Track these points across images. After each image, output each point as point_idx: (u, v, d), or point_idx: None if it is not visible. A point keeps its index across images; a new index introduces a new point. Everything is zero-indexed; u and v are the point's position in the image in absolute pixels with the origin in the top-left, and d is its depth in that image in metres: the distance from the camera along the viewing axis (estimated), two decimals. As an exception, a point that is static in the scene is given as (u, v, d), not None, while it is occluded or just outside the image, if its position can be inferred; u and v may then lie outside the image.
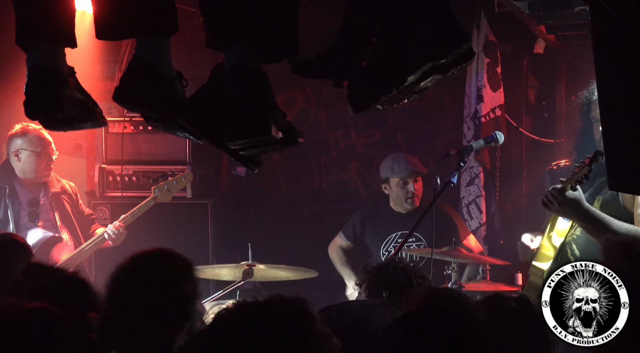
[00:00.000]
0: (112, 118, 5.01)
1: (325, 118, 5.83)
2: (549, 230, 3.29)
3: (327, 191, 5.83)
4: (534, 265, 3.26)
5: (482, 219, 5.22)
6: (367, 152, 5.80)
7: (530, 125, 5.56)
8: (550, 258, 3.22)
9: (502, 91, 5.24)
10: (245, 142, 2.12)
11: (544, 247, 3.27)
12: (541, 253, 3.27)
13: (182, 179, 4.70)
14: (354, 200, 5.71)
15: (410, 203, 4.74)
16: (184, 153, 5.07)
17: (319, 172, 5.87)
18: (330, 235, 5.17)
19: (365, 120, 5.76)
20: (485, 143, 3.64)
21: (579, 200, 3.04)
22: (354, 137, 5.82)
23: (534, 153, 5.51)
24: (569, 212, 3.06)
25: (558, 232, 3.27)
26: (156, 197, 4.61)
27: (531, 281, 3.28)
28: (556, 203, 3.07)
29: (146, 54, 2.23)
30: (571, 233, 3.24)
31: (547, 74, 5.52)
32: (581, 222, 3.09)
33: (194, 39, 4.67)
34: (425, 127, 5.70)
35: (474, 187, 5.25)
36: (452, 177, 3.48)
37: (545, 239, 3.28)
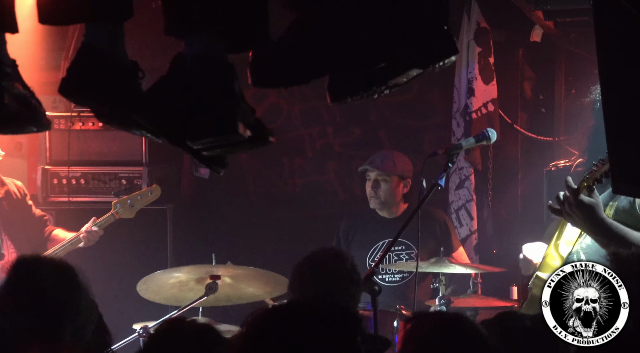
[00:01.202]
0: (57, 113, 4.95)
1: (299, 114, 5.83)
2: (556, 238, 3.28)
3: (302, 195, 5.83)
4: (538, 276, 3.24)
5: (473, 226, 5.26)
6: (346, 152, 5.81)
7: (526, 122, 5.61)
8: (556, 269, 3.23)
9: (495, 84, 5.28)
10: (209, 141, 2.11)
11: (550, 256, 3.26)
12: (546, 263, 3.26)
13: (147, 194, 4.67)
14: (332, 205, 5.72)
15: (373, 203, 4.77)
16: (140, 153, 5.04)
17: (293, 174, 5.87)
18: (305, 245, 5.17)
19: (344, 117, 5.78)
20: (477, 141, 3.65)
21: (594, 208, 2.99)
22: (332, 135, 5.82)
23: (530, 153, 5.56)
24: (580, 219, 3.02)
25: (566, 241, 3.26)
26: (117, 212, 4.58)
27: (534, 294, 3.26)
28: (567, 206, 3.01)
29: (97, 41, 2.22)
30: (579, 241, 3.24)
31: (544, 65, 5.57)
32: (592, 233, 3.06)
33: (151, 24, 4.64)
34: (410, 124, 5.73)
35: (464, 190, 5.28)
36: (440, 179, 3.49)
37: (552, 248, 3.27)
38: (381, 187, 4.75)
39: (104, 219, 4.57)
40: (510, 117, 5.53)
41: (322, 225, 5.38)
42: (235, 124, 2.06)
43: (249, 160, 5.79)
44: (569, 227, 3.25)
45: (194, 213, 5.59)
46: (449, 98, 5.40)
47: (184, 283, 4.30)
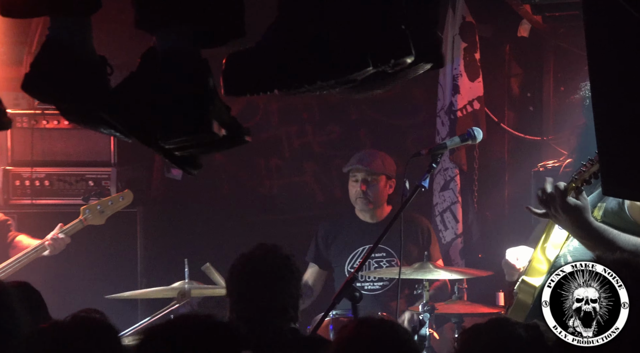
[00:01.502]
0: (19, 111, 4.92)
1: (276, 112, 5.82)
2: (543, 241, 3.30)
3: (279, 198, 5.82)
4: (524, 280, 3.26)
5: (458, 229, 5.28)
6: (325, 152, 5.81)
7: (513, 121, 5.63)
8: (543, 273, 3.24)
9: (480, 81, 5.30)
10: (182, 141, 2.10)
11: (537, 259, 3.28)
12: (533, 267, 3.27)
13: (119, 200, 4.65)
14: (310, 208, 5.71)
15: (359, 204, 4.77)
16: (108, 153, 5.01)
17: (269, 175, 5.86)
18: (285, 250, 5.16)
19: (323, 115, 5.78)
20: (462, 141, 3.67)
21: (581, 210, 3.01)
22: (310, 134, 5.82)
23: (517, 152, 5.59)
24: (566, 221, 3.03)
25: (553, 244, 3.28)
26: (85, 218, 4.55)
27: (519, 299, 3.27)
28: (553, 207, 3.03)
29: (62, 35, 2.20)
30: (567, 244, 3.26)
31: (532, 61, 5.60)
32: (579, 236, 3.08)
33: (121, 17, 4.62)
34: (393, 123, 5.74)
35: (449, 192, 5.30)
36: (423, 180, 3.50)
37: (539, 251, 3.29)
38: (371, 187, 4.76)
39: (71, 226, 4.54)
40: (497, 116, 5.55)
41: (300, 229, 5.37)
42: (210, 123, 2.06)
43: (224, 160, 5.77)
44: (556, 230, 3.27)
45: (166, 217, 5.56)
46: (433, 95, 5.42)
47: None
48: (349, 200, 4.92)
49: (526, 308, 3.23)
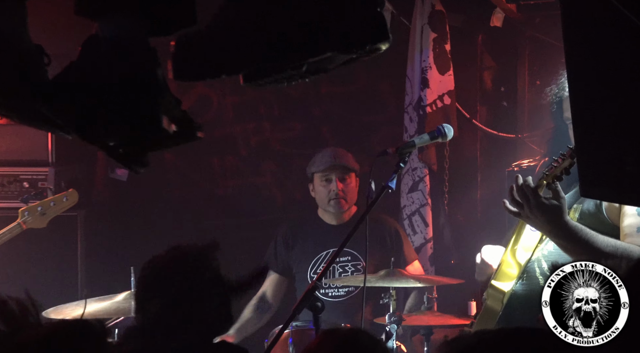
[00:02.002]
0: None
1: (231, 107, 5.81)
2: (513, 242, 3.33)
3: (234, 200, 5.81)
4: (493, 285, 3.29)
5: (428, 234, 5.31)
6: (284, 150, 5.81)
7: (486, 117, 5.69)
8: (513, 278, 3.27)
9: (451, 74, 5.34)
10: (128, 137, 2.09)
11: (506, 263, 3.31)
12: (502, 271, 3.30)
13: (62, 200, 4.59)
14: (269, 211, 5.71)
15: (333, 205, 4.78)
16: (46, 151, 4.96)
17: (224, 175, 5.85)
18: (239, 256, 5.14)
19: (282, 111, 5.78)
20: (431, 138, 3.69)
21: (557, 209, 3.05)
22: (269, 131, 5.82)
23: (491, 151, 5.64)
24: (541, 221, 3.07)
25: (524, 246, 3.31)
26: (25, 221, 4.48)
27: (488, 306, 3.30)
28: (527, 207, 3.07)
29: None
30: (541, 247, 3.29)
31: (506, 53, 5.66)
32: (555, 237, 3.12)
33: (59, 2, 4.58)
34: (357, 119, 5.76)
35: (418, 193, 5.33)
36: (390, 181, 3.51)
37: (508, 254, 3.32)
38: (346, 186, 4.79)
39: (9, 230, 4.47)
40: (469, 112, 5.60)
41: (258, 234, 5.37)
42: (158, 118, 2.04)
43: (174, 159, 5.75)
44: (527, 232, 3.30)
45: (110, 221, 5.52)
46: (401, 90, 5.45)
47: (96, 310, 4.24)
48: (311, 202, 4.93)
49: (495, 315, 3.26)
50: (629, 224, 3.12)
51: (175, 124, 2.11)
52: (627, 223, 3.12)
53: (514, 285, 3.27)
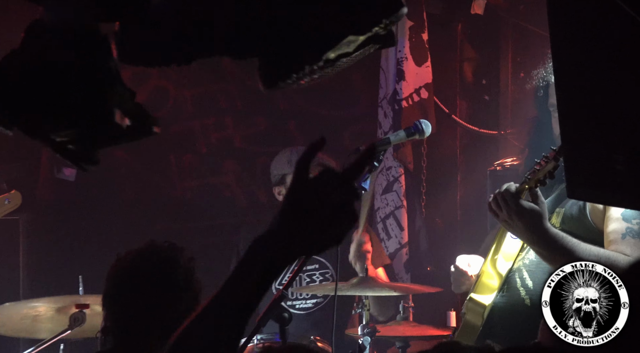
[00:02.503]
0: None
1: (190, 100, 5.79)
2: (493, 252, 3.35)
3: (193, 201, 5.80)
4: (472, 298, 3.31)
5: (403, 238, 5.33)
6: (248, 148, 5.81)
7: (466, 112, 5.72)
8: (494, 290, 3.29)
9: (429, 65, 5.37)
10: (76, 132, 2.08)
11: (486, 274, 3.33)
12: (482, 282, 3.33)
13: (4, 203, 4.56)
14: (231, 214, 5.70)
15: None
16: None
17: (182, 175, 5.83)
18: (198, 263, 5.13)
19: (246, 105, 5.77)
20: (408, 135, 3.70)
21: (537, 215, 3.08)
22: (231, 126, 5.81)
23: (471, 149, 5.67)
24: (520, 228, 3.10)
25: (505, 255, 3.33)
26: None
27: (467, 320, 3.33)
28: (506, 212, 3.10)
29: None
30: (522, 257, 3.31)
31: (488, 43, 5.69)
32: (535, 244, 3.14)
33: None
34: (327, 114, 5.77)
35: (393, 194, 5.35)
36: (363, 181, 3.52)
37: (489, 264, 3.34)
38: None
39: None
40: (448, 106, 5.63)
41: (219, 239, 5.37)
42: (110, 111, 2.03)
43: (127, 157, 5.71)
44: (508, 239, 3.32)
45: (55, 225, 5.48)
46: (374, 82, 5.47)
47: (41, 314, 4.21)
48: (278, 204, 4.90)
49: (476, 330, 3.27)
50: (613, 230, 3.14)
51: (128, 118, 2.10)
52: (611, 228, 3.14)
53: (495, 297, 3.28)
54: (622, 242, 3.10)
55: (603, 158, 2.14)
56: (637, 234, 3.11)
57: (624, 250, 3.08)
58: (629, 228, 3.11)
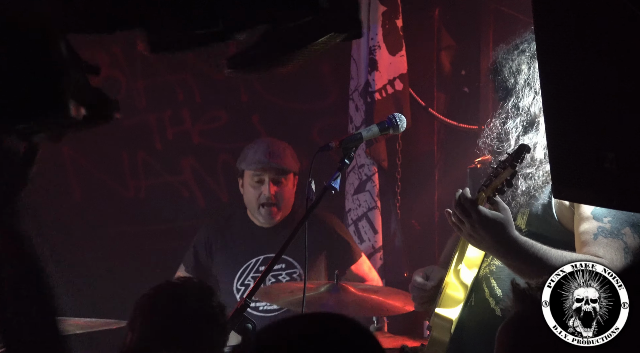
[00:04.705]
0: None
1: (143, 92, 5.78)
2: (456, 261, 3.34)
3: (148, 202, 5.79)
4: (437, 313, 3.30)
5: (377, 242, 5.35)
6: (208, 144, 5.81)
7: (444, 105, 5.74)
8: (460, 302, 3.28)
9: (404, 55, 5.39)
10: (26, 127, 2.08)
11: (450, 286, 3.32)
12: (446, 295, 3.31)
13: None
14: (189, 215, 5.70)
15: (264, 214, 4.75)
16: None
17: (135, 173, 5.81)
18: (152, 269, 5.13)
19: (205, 97, 5.77)
20: (381, 130, 3.72)
21: (503, 224, 3.06)
22: (189, 121, 5.81)
23: (450, 145, 5.70)
24: (487, 241, 3.08)
25: (469, 263, 3.34)
26: None
27: (434, 336, 3.30)
28: (468, 224, 3.08)
29: None
30: (487, 263, 3.32)
31: (467, 30, 5.71)
32: (504, 256, 3.13)
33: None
34: (294, 107, 5.78)
35: (365, 194, 5.37)
36: (333, 180, 3.53)
37: (452, 274, 3.32)
38: (282, 189, 4.75)
39: None
40: (424, 99, 5.66)
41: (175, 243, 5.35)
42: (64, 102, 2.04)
43: (74, 154, 5.69)
44: (471, 246, 3.31)
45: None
46: (345, 73, 5.49)
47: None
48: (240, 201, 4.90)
49: (443, 347, 3.28)
50: (585, 230, 3.13)
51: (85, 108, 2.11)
52: (582, 229, 3.14)
53: (462, 310, 3.29)
54: (594, 242, 3.10)
55: (591, 156, 2.16)
56: (609, 233, 3.10)
57: (597, 252, 3.07)
58: (600, 228, 3.11)
